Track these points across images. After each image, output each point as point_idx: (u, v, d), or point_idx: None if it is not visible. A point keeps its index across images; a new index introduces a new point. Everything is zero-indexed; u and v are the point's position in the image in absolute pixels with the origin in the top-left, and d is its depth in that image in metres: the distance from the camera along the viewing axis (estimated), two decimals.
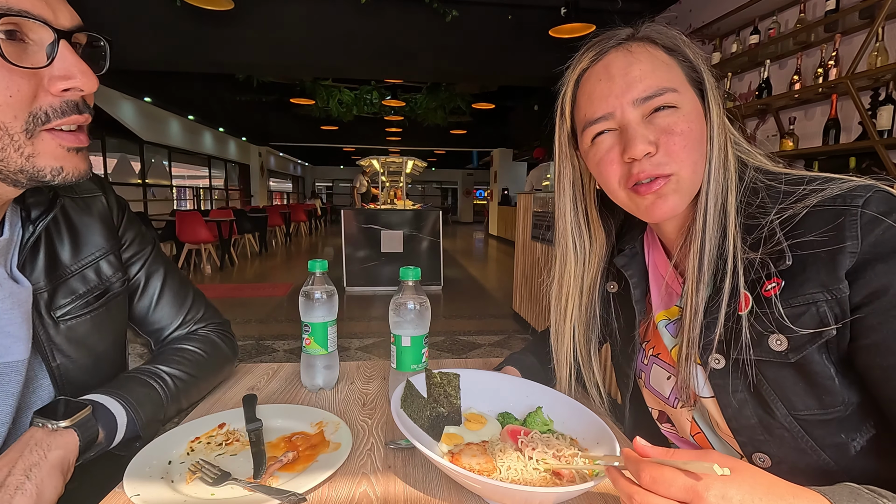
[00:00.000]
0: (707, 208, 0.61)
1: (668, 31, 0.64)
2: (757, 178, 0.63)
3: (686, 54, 0.63)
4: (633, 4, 4.99)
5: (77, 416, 0.58)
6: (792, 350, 0.55)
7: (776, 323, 0.56)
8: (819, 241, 0.54)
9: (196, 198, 12.90)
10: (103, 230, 0.77)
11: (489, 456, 0.61)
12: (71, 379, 0.69)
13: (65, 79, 0.54)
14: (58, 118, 0.55)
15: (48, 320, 0.67)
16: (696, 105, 0.62)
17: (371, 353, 3.65)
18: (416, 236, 6.00)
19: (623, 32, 0.65)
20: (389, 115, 11.09)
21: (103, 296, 0.75)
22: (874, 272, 0.51)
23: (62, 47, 0.54)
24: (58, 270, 0.70)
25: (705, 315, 0.62)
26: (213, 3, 4.14)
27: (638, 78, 0.61)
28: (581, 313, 0.79)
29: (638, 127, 0.61)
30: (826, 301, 0.53)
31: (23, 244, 0.66)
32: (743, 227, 0.61)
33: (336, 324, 0.89)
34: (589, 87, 0.65)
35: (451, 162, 22.18)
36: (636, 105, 0.61)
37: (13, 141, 0.53)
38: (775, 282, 0.56)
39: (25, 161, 0.54)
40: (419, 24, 5.21)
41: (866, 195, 0.53)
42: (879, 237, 0.51)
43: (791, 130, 3.34)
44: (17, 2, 0.51)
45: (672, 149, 0.60)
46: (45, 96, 0.54)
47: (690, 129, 0.60)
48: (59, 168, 0.56)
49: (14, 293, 0.62)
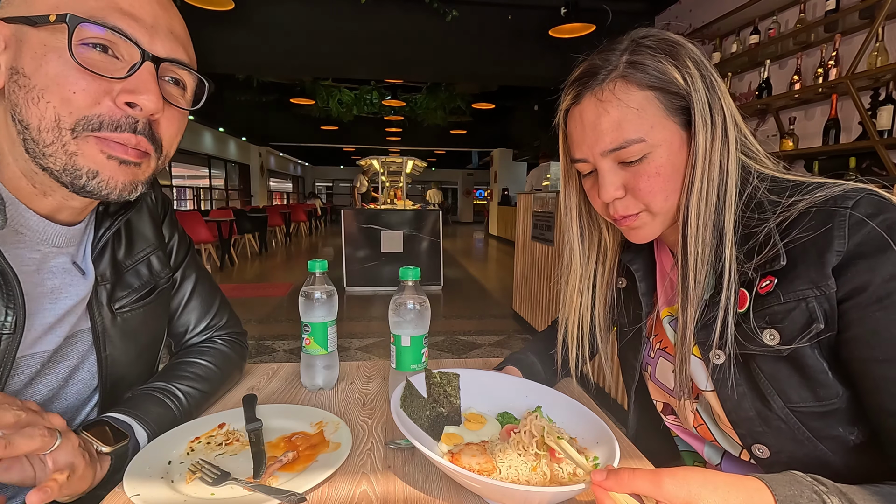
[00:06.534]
0: (688, 233, 0.63)
1: (654, 57, 0.62)
2: (759, 188, 0.64)
3: (673, 82, 0.62)
4: (634, 4, 4.99)
5: (118, 446, 0.60)
6: (784, 343, 0.57)
7: (770, 318, 0.59)
8: (810, 240, 0.56)
9: (196, 198, 12.89)
10: (152, 226, 0.80)
11: (489, 456, 0.61)
12: (113, 371, 0.71)
13: (130, 93, 0.54)
14: (110, 130, 0.55)
15: (107, 311, 0.70)
16: (675, 139, 0.63)
17: (371, 353, 3.65)
18: (416, 236, 6.00)
19: (603, 69, 0.64)
20: (389, 115, 11.07)
21: (153, 291, 0.77)
22: (856, 269, 0.53)
23: (144, 67, 0.55)
24: (118, 264, 0.73)
25: (704, 314, 0.64)
26: (213, 3, 4.14)
27: (605, 131, 0.63)
28: (593, 304, 0.83)
29: (607, 174, 0.66)
30: (815, 297, 0.55)
31: (98, 237, 0.70)
32: (741, 238, 0.63)
33: (336, 324, 0.89)
34: (570, 127, 0.69)
35: (451, 162, 22.18)
36: (605, 156, 0.65)
37: (61, 136, 0.53)
38: (769, 279, 0.59)
39: (68, 159, 0.54)
40: (419, 24, 5.20)
41: (856, 198, 0.55)
42: (865, 237, 0.53)
43: (791, 130, 3.34)
44: (116, 19, 0.53)
45: (639, 193, 0.65)
46: (107, 105, 0.54)
47: (660, 171, 0.63)
48: (95, 171, 0.56)
49: (66, 284, 0.65)
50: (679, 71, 0.62)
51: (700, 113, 0.62)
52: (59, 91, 0.52)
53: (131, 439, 0.62)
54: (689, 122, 0.63)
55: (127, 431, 0.62)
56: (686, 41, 0.65)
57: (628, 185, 0.65)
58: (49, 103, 0.52)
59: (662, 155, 0.63)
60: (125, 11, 0.54)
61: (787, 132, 3.34)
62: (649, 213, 0.66)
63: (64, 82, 0.52)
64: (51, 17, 0.51)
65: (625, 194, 0.66)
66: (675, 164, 0.63)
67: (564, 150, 0.73)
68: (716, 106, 0.63)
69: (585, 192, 0.74)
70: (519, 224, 4.39)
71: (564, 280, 0.82)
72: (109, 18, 0.53)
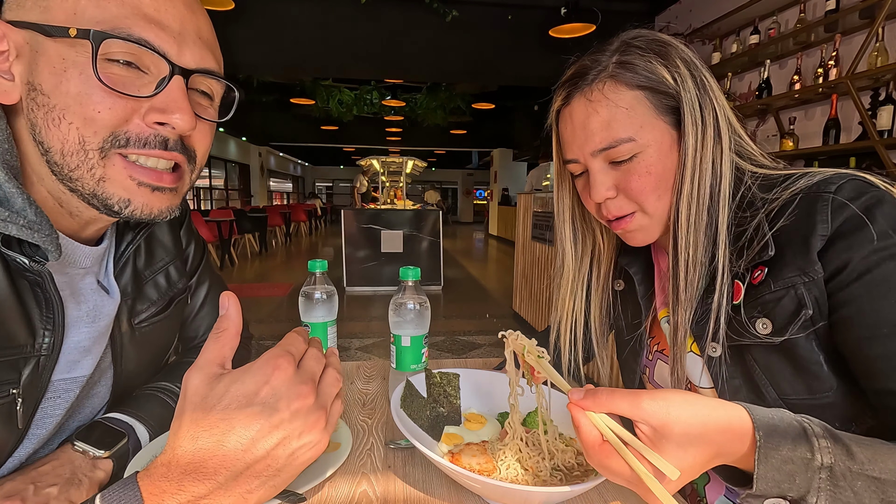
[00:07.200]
0: (678, 233, 0.63)
1: (643, 57, 0.63)
2: (752, 186, 0.63)
3: (662, 82, 0.62)
4: (634, 4, 4.99)
5: (117, 448, 0.59)
6: (776, 332, 0.57)
7: (762, 307, 0.59)
8: (796, 227, 0.56)
9: (196, 198, 12.90)
10: (171, 234, 0.76)
11: (489, 456, 0.61)
12: (124, 384, 0.69)
13: (161, 112, 0.50)
14: (137, 147, 0.51)
15: (127, 328, 0.67)
16: (665, 138, 0.63)
17: (371, 353, 3.65)
18: (416, 236, 6.00)
19: (593, 69, 0.64)
20: (389, 115, 11.08)
21: (171, 304, 0.74)
22: (835, 249, 0.53)
23: (174, 83, 0.51)
24: (138, 276, 0.69)
25: (698, 310, 0.65)
26: (213, 3, 4.14)
27: (594, 131, 0.64)
28: (588, 307, 0.82)
29: (597, 174, 0.65)
30: (804, 283, 0.55)
31: (120, 252, 0.66)
32: (735, 236, 0.63)
33: (336, 324, 0.89)
34: (561, 128, 0.69)
35: (451, 162, 22.19)
36: (595, 155, 0.65)
37: (87, 158, 0.49)
38: (761, 269, 0.59)
39: (96, 185, 0.51)
40: (419, 24, 5.20)
41: (840, 182, 0.55)
42: (846, 219, 0.53)
43: (791, 130, 3.34)
44: (142, 29, 0.48)
45: (631, 193, 0.65)
46: (137, 124, 0.50)
47: (651, 171, 0.63)
48: (127, 200, 0.52)
49: (99, 306, 0.61)
50: (668, 70, 0.62)
51: (690, 112, 0.62)
52: (82, 111, 0.48)
53: (131, 439, 0.62)
54: (680, 121, 0.63)
55: (126, 431, 0.62)
56: (677, 41, 0.65)
57: (619, 184, 0.65)
58: (72, 125, 0.48)
59: (652, 154, 0.63)
60: (151, 18, 0.49)
61: (787, 132, 3.34)
62: (644, 214, 0.66)
63: (87, 102, 0.48)
64: (71, 32, 0.46)
65: (616, 194, 0.66)
66: (665, 164, 0.63)
67: (557, 152, 0.73)
68: (707, 106, 0.62)
69: (579, 193, 0.73)
70: (519, 224, 4.39)
71: (557, 283, 0.82)
72: (135, 29, 0.48)
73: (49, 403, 0.56)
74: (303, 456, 0.41)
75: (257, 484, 0.39)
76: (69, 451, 0.57)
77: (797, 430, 0.45)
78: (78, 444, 0.57)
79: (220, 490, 0.38)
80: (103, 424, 0.61)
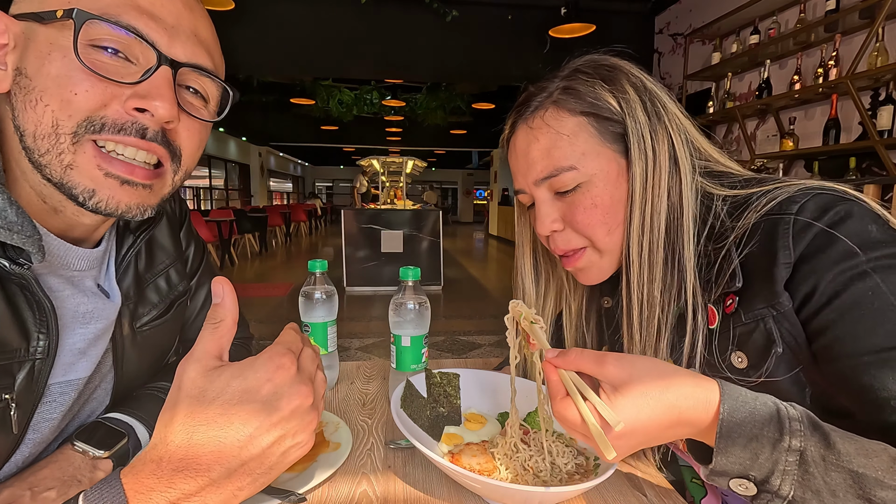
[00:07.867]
0: (630, 270, 0.60)
1: (587, 82, 0.60)
2: (722, 213, 0.59)
3: (607, 108, 0.59)
4: (634, 4, 4.99)
5: (117, 448, 0.59)
6: (751, 367, 0.54)
7: (735, 340, 0.55)
8: (761, 254, 0.53)
9: (196, 198, 12.90)
10: (171, 237, 0.75)
11: (489, 456, 0.61)
12: (125, 387, 0.68)
13: (141, 98, 0.48)
14: (112, 133, 0.48)
15: (128, 332, 0.66)
16: (611, 167, 0.60)
17: (371, 353, 3.65)
18: (416, 236, 6.00)
19: (537, 97, 0.63)
20: (389, 115, 11.08)
21: (172, 307, 0.73)
22: (801, 274, 0.50)
23: (160, 72, 0.49)
24: (139, 279, 0.68)
25: (672, 341, 0.61)
26: (213, 3, 4.14)
27: (536, 159, 0.62)
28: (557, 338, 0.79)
29: (542, 205, 0.63)
30: (772, 317, 0.52)
31: (122, 256, 0.65)
32: (704, 267, 0.59)
33: (336, 324, 0.89)
34: (509, 157, 0.68)
35: (451, 162, 22.19)
36: (538, 185, 0.63)
37: (58, 143, 0.47)
38: (731, 298, 0.56)
39: (63, 172, 0.49)
40: (419, 24, 5.21)
41: (802, 201, 0.51)
42: (810, 240, 0.50)
43: (791, 130, 3.34)
44: (132, 17, 0.48)
45: (578, 226, 0.62)
46: (115, 109, 0.48)
47: (597, 203, 0.61)
48: (91, 191, 0.49)
49: (99, 309, 0.60)
50: (614, 96, 0.60)
51: (637, 140, 0.59)
52: (60, 93, 0.46)
53: (131, 439, 0.62)
54: (628, 150, 0.60)
55: (126, 431, 0.62)
56: (629, 66, 0.62)
57: (566, 217, 0.62)
58: (48, 107, 0.47)
59: (598, 185, 0.60)
60: (144, 9, 0.48)
61: (787, 132, 3.35)
62: (594, 250, 0.63)
63: (66, 83, 0.46)
64: (58, 13, 0.46)
65: (563, 227, 0.63)
66: (613, 195, 0.60)
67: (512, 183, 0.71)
68: (659, 134, 0.59)
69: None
70: None
71: None
72: (124, 16, 0.47)
73: (45, 407, 0.56)
74: (292, 454, 0.41)
75: (248, 481, 0.39)
76: (69, 451, 0.57)
77: (770, 409, 0.43)
78: (78, 444, 0.57)
79: (212, 486, 0.37)
80: (103, 424, 0.61)
